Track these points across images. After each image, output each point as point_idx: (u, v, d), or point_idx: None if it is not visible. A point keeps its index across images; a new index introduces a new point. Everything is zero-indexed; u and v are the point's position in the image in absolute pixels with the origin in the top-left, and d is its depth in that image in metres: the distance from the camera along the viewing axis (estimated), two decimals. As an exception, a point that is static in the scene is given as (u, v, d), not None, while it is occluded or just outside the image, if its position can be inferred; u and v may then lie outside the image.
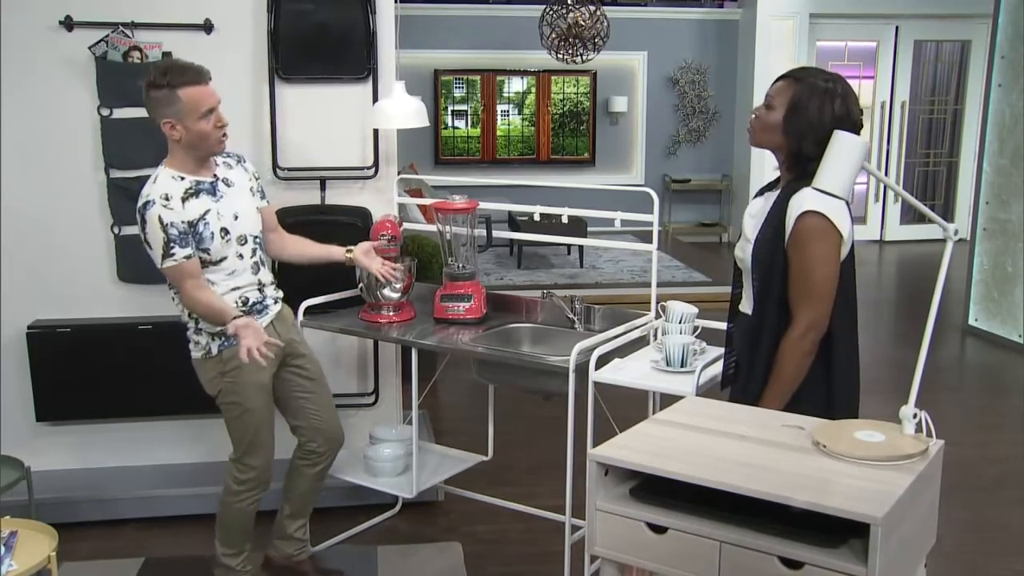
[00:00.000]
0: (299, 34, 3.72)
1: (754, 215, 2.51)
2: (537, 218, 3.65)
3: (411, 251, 4.63)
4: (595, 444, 2.27)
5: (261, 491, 3.09)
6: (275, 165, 3.79)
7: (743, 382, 2.49)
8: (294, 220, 3.80)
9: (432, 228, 3.81)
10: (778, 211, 2.38)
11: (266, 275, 3.06)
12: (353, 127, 3.84)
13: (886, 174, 10.31)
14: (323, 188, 3.84)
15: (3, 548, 2.51)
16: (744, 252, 2.50)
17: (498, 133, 10.54)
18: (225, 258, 2.90)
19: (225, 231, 2.88)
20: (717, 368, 2.98)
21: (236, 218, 2.93)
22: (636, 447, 2.00)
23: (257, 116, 3.79)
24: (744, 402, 2.38)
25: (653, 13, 10.51)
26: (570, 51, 8.38)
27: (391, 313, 3.39)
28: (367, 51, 3.77)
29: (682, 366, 2.91)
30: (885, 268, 9.66)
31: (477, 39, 10.19)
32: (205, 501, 3.75)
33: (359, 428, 3.93)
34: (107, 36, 3.63)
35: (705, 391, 2.77)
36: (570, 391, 2.88)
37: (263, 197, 3.13)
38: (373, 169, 3.86)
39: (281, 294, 3.15)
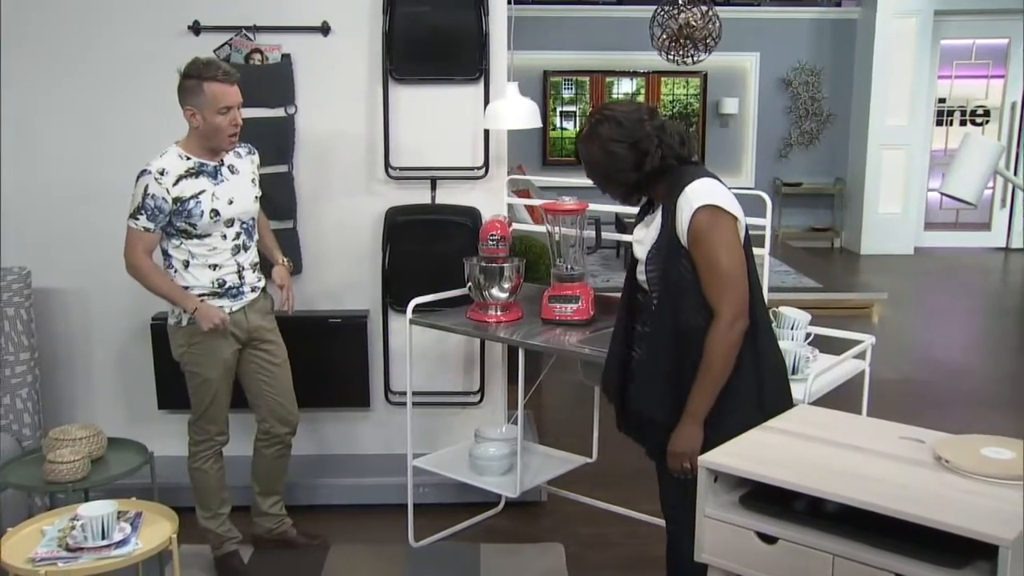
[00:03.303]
0: (413, 36, 3.78)
1: (641, 240, 2.49)
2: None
3: (519, 251, 4.65)
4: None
5: (215, 453, 3.32)
6: (387, 164, 3.86)
7: (649, 396, 2.43)
8: (405, 219, 3.87)
9: (540, 229, 3.81)
10: (668, 220, 2.36)
11: (247, 259, 3.22)
12: (464, 128, 3.88)
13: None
14: (434, 188, 3.89)
15: (130, 528, 2.63)
16: (640, 273, 2.47)
17: (606, 135, 10.47)
18: (210, 235, 3.10)
19: (216, 212, 3.08)
20: (830, 376, 2.90)
21: (231, 202, 3.12)
22: (747, 454, 1.96)
23: (371, 116, 3.87)
24: (684, 415, 2.34)
25: (766, 13, 10.29)
26: (681, 52, 8.27)
27: (499, 313, 3.41)
28: (480, 52, 3.80)
29: (793, 373, 2.84)
30: (1010, 277, 9.23)
31: (587, 40, 10.16)
32: (314, 491, 3.86)
33: (464, 426, 3.97)
34: (231, 39, 3.76)
35: (816, 399, 2.70)
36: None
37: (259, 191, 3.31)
38: (483, 169, 3.89)
39: (263, 283, 3.30)
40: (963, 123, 10.29)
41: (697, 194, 2.31)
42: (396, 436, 3.96)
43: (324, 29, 3.81)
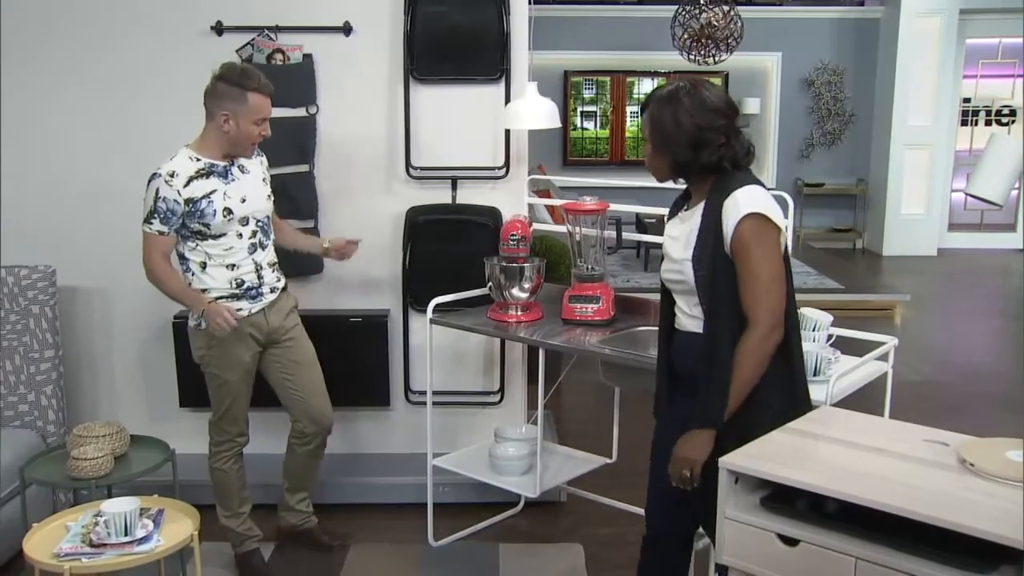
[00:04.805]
0: (434, 36, 3.79)
1: (677, 236, 2.46)
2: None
3: (539, 251, 4.65)
4: (724, 451, 2.22)
5: (235, 453, 3.33)
6: (408, 164, 3.87)
7: (704, 400, 2.34)
8: (425, 219, 3.88)
9: (560, 229, 3.81)
10: (710, 223, 2.33)
11: (264, 257, 3.21)
12: (485, 127, 3.88)
13: (1038, 180, 9.75)
14: (454, 187, 3.90)
15: (152, 525, 2.65)
16: (678, 273, 2.42)
17: (627, 134, 10.48)
18: (224, 235, 3.09)
19: (228, 211, 3.07)
20: (852, 378, 2.88)
21: (243, 201, 3.11)
22: (768, 456, 1.95)
23: (392, 116, 3.88)
24: (702, 420, 2.29)
25: (788, 13, 10.24)
26: (702, 52, 8.24)
27: (519, 312, 3.41)
28: (500, 52, 3.80)
29: (815, 375, 2.82)
30: (1034, 279, 9.15)
31: (607, 40, 10.14)
32: (337, 490, 3.88)
33: (484, 426, 3.97)
34: (253, 39, 3.78)
35: (838, 401, 2.68)
36: (698, 396, 2.83)
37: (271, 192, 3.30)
38: (504, 169, 3.89)
39: (282, 283, 3.28)
40: (988, 123, 10.20)
41: (747, 200, 2.28)
42: (416, 435, 3.96)
43: (346, 29, 3.83)
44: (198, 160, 3.08)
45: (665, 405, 2.56)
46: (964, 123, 10.23)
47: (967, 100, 10.18)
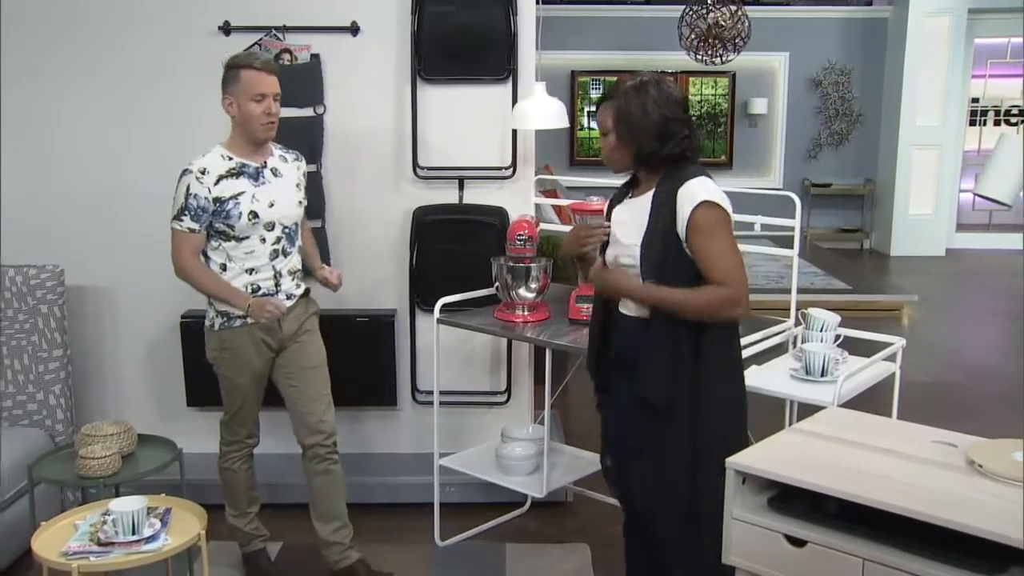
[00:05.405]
0: (441, 36, 3.79)
1: (625, 221, 2.52)
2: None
3: (546, 252, 4.65)
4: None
5: (244, 455, 3.29)
6: (415, 164, 3.87)
7: (643, 379, 2.44)
8: (432, 219, 3.88)
9: (567, 229, 3.80)
10: (663, 210, 2.40)
11: (286, 265, 3.13)
12: (492, 127, 3.88)
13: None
14: (461, 187, 3.90)
15: (160, 524, 2.66)
16: (629, 257, 2.48)
17: (633, 135, 10.45)
18: (248, 238, 3.04)
19: (254, 214, 3.02)
20: (859, 379, 2.88)
21: (271, 205, 3.06)
22: (775, 457, 1.95)
23: (399, 116, 3.88)
24: (633, 398, 2.43)
25: (796, 13, 10.22)
26: (709, 52, 8.24)
27: (526, 312, 3.41)
28: (508, 52, 3.80)
29: (822, 375, 2.82)
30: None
31: (615, 40, 10.14)
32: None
33: (491, 426, 3.97)
34: (260, 39, 3.79)
35: (846, 402, 2.67)
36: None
37: (305, 198, 3.25)
38: (511, 169, 3.89)
39: (301, 290, 3.21)
40: (997, 123, 10.17)
41: (701, 189, 2.37)
42: (423, 435, 3.97)
43: (353, 29, 3.83)
44: (230, 159, 3.04)
45: (601, 392, 2.65)
46: (973, 123, 10.20)
47: (976, 100, 10.15)
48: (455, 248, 3.85)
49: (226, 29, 3.79)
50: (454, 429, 3.97)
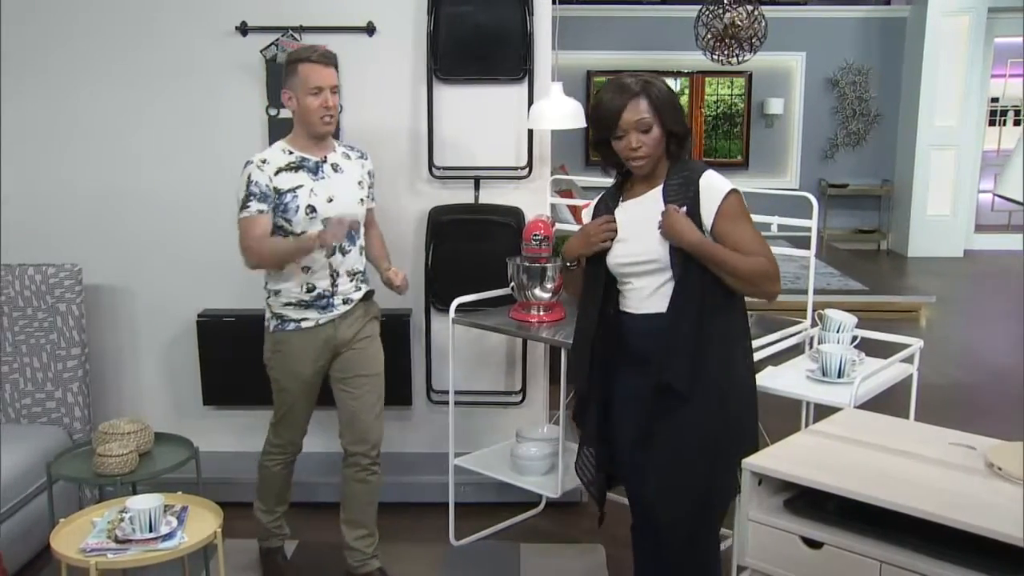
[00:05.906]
0: (457, 36, 3.79)
1: (634, 220, 2.52)
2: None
3: (561, 252, 4.64)
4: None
5: (287, 459, 3.29)
6: (431, 164, 3.88)
7: (665, 366, 2.42)
8: (448, 218, 3.89)
9: (583, 229, 3.80)
10: (681, 200, 2.43)
11: (344, 264, 3.07)
12: (508, 127, 3.88)
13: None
14: (477, 187, 3.90)
15: (176, 521, 2.67)
16: (651, 252, 2.46)
17: (649, 135, 10.43)
18: (305, 232, 2.98)
19: (312, 208, 2.98)
20: (876, 380, 2.86)
21: (330, 200, 3.02)
22: (792, 458, 1.94)
23: (415, 116, 3.88)
24: (651, 389, 2.44)
25: (813, 12, 10.18)
26: (726, 52, 8.21)
27: (541, 313, 3.41)
28: (524, 52, 3.80)
29: (839, 376, 2.81)
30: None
31: (631, 40, 10.12)
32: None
33: (506, 426, 3.97)
34: (277, 40, 3.80)
35: (863, 403, 2.66)
36: (721, 398, 2.81)
37: (372, 198, 3.24)
38: (527, 169, 3.89)
39: (360, 294, 3.14)
40: (1017, 123, 10.10)
41: (722, 179, 2.47)
42: (438, 435, 3.97)
43: (369, 29, 3.84)
44: (290, 153, 3.03)
45: (599, 393, 2.61)
46: (992, 123, 10.13)
47: (995, 100, 10.08)
48: (471, 248, 3.85)
49: (243, 29, 3.81)
50: (469, 429, 3.97)
